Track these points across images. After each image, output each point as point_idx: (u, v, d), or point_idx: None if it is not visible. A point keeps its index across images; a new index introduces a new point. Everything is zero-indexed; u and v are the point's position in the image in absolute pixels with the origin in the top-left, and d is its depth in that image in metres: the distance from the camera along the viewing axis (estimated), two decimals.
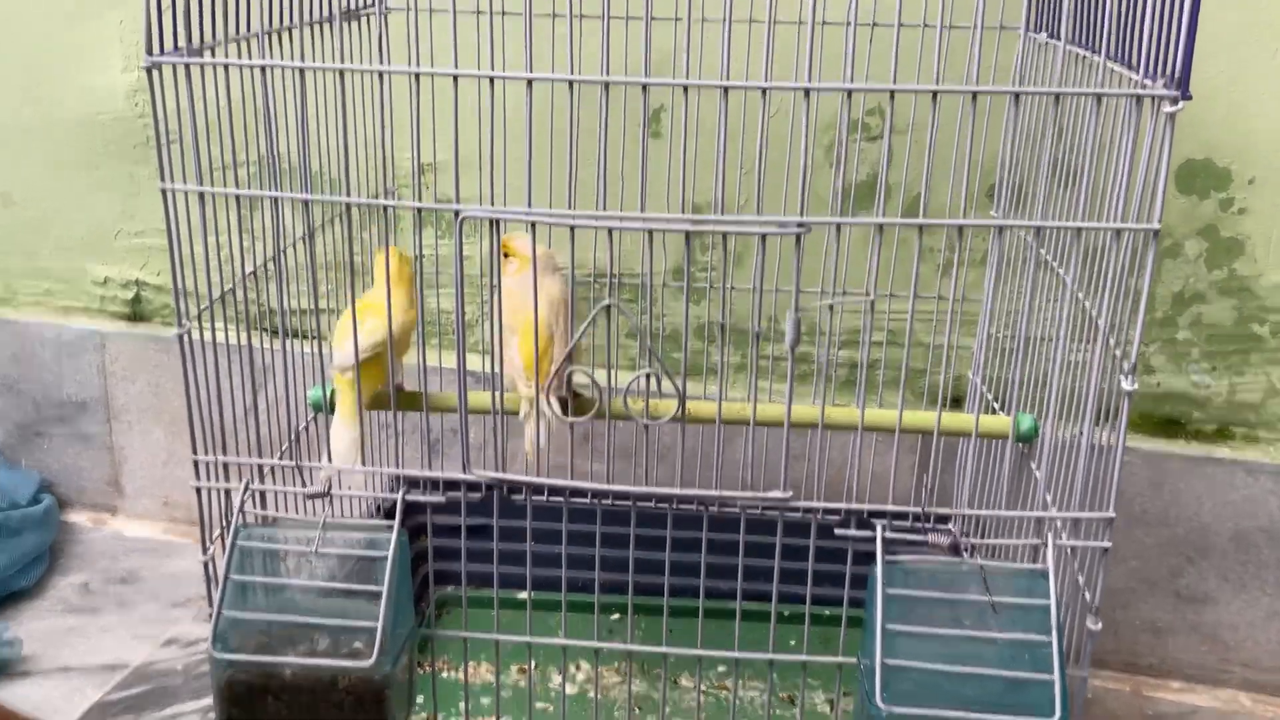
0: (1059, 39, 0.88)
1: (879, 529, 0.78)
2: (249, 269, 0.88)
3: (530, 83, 0.74)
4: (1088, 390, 0.78)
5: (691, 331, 1.30)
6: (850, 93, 0.72)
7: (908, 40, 0.77)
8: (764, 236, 0.73)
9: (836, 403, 1.27)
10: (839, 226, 0.76)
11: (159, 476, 1.49)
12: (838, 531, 0.78)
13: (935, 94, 0.73)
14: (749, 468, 0.81)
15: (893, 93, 0.73)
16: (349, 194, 0.96)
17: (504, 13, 1.08)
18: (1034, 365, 0.98)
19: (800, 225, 0.73)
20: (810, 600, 0.83)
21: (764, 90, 0.73)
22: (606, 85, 0.72)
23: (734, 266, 1.29)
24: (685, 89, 0.74)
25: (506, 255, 0.93)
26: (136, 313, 1.47)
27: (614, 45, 0.98)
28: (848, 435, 1.07)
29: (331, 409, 0.96)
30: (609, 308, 0.76)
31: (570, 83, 0.73)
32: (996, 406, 1.11)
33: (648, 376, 0.77)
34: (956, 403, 1.28)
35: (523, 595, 1.25)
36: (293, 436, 0.94)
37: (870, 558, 0.77)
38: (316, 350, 0.86)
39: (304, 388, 0.91)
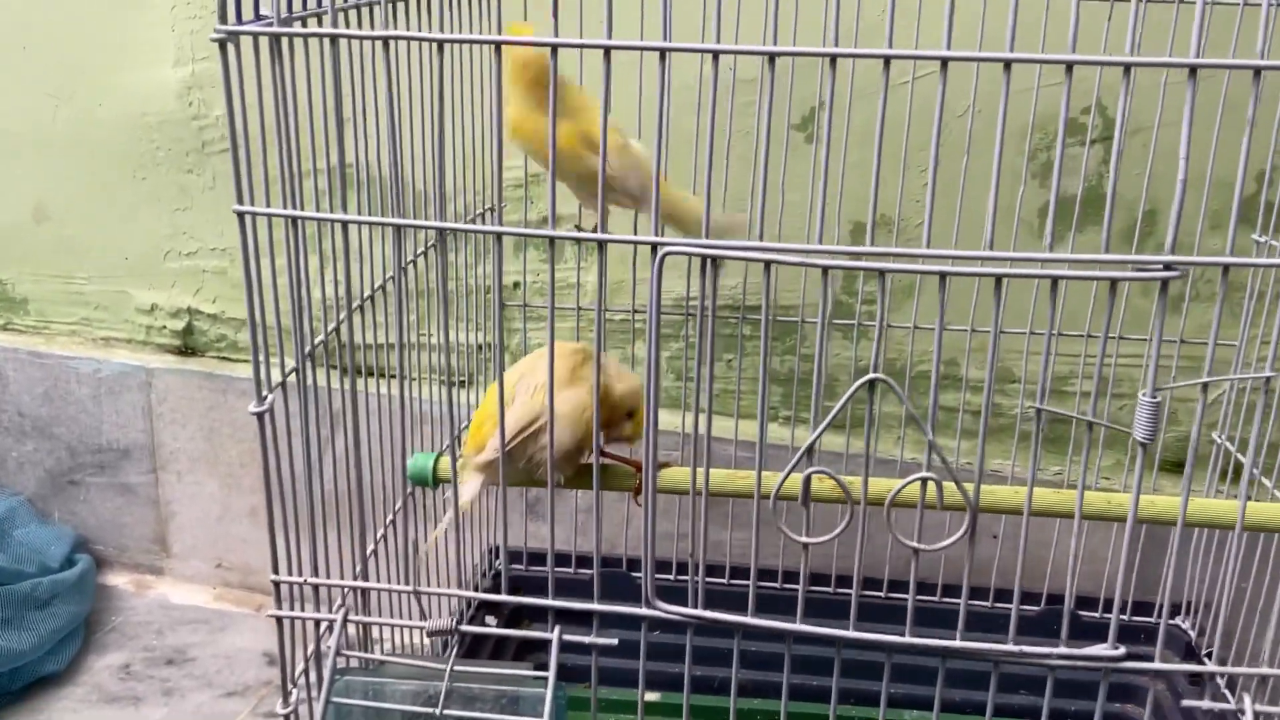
0: None
1: (1249, 705, 0.53)
2: (330, 310, 0.65)
3: (716, 56, 0.50)
4: None
5: (851, 377, 1.06)
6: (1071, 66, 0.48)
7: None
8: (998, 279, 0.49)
9: (1037, 468, 1.02)
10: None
11: (211, 535, 1.26)
12: (1186, 704, 0.54)
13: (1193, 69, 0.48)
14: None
15: (1127, 68, 0.49)
16: (444, 215, 0.73)
17: None
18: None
19: (1168, 268, 0.48)
20: None
21: (943, 61, 0.49)
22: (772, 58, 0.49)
23: (889, 299, 1.05)
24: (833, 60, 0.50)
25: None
26: (188, 345, 1.24)
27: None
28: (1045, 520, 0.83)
29: (438, 482, 0.72)
30: (873, 384, 0.51)
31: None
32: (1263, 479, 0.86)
33: (924, 482, 0.52)
34: (1179, 467, 1.03)
35: (650, 697, 1.02)
36: (392, 530, 0.70)
37: None
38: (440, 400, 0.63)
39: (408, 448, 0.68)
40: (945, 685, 0.56)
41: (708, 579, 0.59)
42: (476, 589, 0.98)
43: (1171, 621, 0.97)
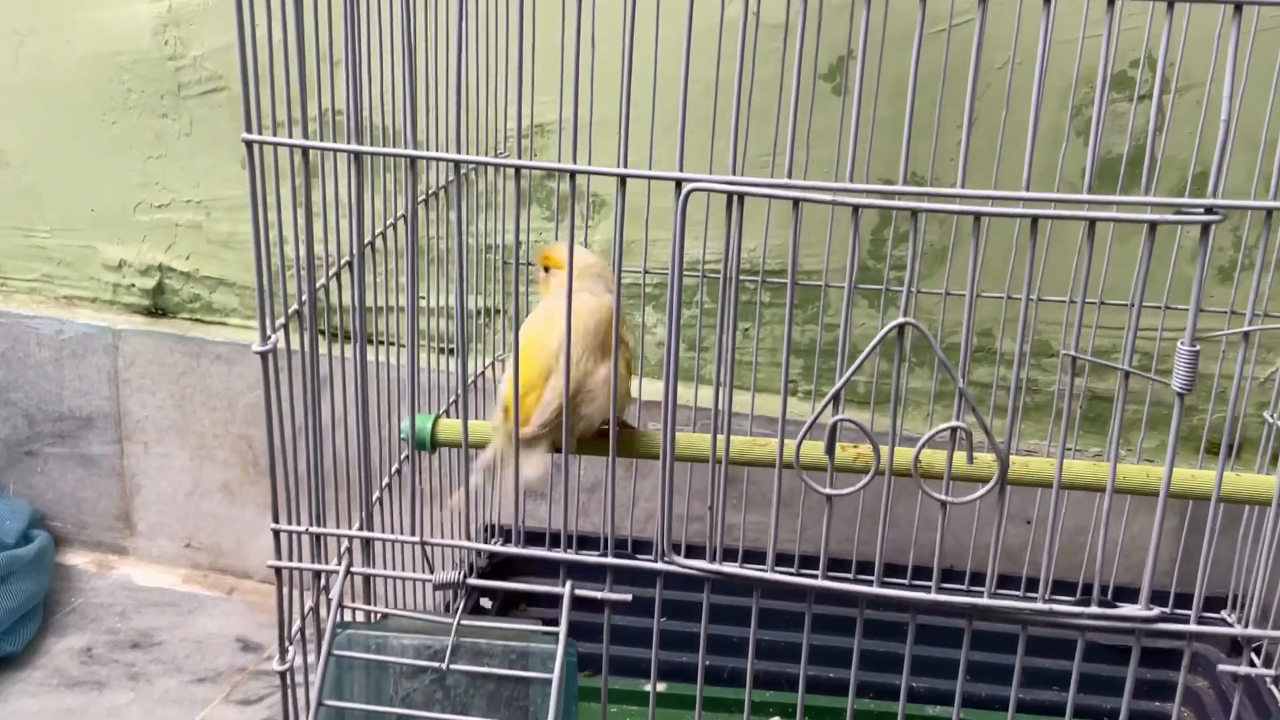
0: None
1: None
2: (333, 253, 0.68)
3: None
4: None
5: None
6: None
7: None
8: (1034, 220, 0.53)
9: (1075, 449, 1.06)
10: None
11: (181, 511, 1.29)
12: (1222, 669, 0.57)
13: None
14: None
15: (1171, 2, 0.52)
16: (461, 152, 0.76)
17: None
18: None
19: (1210, 210, 0.52)
20: None
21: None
22: None
23: (919, 263, 1.09)
24: None
25: (546, 269, 0.81)
26: (158, 305, 1.27)
27: None
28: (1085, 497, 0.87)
29: (435, 446, 0.76)
30: (902, 328, 0.55)
31: None
32: None
33: (954, 432, 0.56)
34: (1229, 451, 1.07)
35: (659, 687, 1.06)
36: (392, 485, 0.74)
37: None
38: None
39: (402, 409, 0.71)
40: (970, 679, 0.59)
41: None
42: (472, 569, 1.02)
43: (1217, 615, 1.01)
